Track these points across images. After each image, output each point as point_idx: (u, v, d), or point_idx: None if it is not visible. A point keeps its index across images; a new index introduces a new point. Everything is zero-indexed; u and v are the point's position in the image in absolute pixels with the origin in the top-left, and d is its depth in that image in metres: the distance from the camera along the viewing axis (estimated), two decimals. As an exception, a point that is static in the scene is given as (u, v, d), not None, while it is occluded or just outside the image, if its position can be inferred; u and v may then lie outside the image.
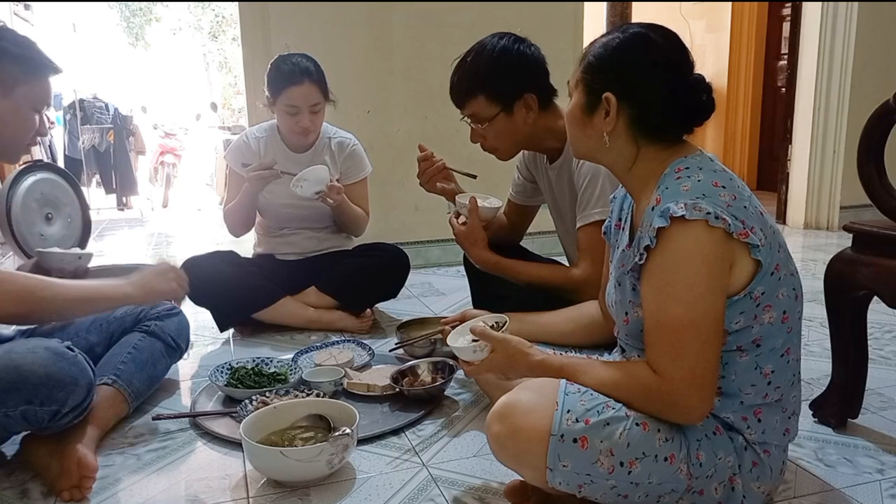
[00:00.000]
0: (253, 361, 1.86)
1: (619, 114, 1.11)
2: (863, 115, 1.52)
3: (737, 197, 1.03)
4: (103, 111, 6.95)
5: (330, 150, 2.38)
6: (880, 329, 2.29)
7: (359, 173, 2.42)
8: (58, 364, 1.30)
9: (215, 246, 2.87)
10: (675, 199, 1.02)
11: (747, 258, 1.03)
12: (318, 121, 2.27)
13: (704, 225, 0.99)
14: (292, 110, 2.20)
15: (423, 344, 1.99)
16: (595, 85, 1.12)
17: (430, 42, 3.22)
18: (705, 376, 1.02)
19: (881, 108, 1.45)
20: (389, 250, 2.42)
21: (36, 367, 1.28)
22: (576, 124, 1.18)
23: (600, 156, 1.18)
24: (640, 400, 1.04)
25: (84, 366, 1.36)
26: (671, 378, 1.01)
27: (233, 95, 14.36)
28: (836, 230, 4.07)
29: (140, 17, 15.98)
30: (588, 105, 1.14)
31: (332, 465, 1.34)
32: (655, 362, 1.03)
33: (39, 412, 1.30)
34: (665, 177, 1.09)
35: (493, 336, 1.20)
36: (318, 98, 2.22)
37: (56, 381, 1.29)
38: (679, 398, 1.01)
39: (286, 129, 2.28)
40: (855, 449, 1.48)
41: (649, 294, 1.06)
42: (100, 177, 6.92)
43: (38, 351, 1.31)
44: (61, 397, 1.30)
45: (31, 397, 1.28)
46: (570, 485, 1.04)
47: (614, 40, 1.13)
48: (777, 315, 1.07)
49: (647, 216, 1.07)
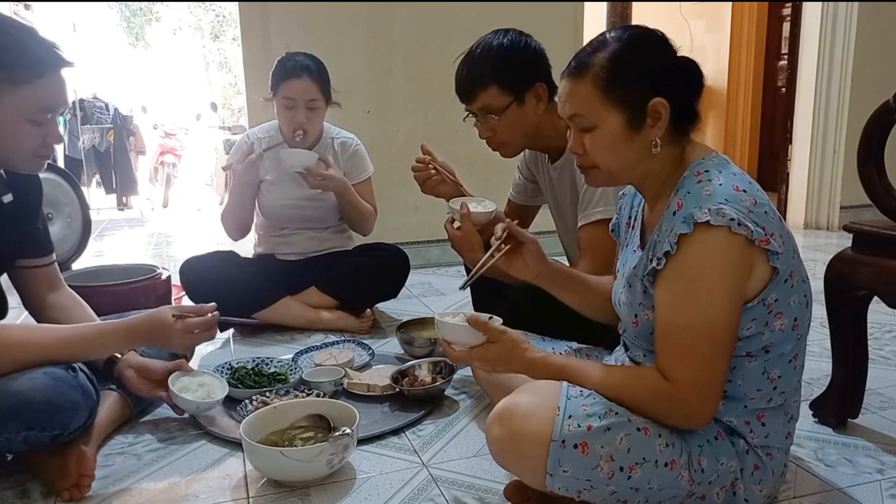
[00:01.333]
0: (253, 361, 1.86)
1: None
2: (863, 115, 1.52)
3: (757, 202, 1.02)
4: (103, 111, 6.95)
5: (333, 150, 2.38)
6: (880, 329, 2.29)
7: (361, 173, 2.42)
8: (57, 389, 1.27)
9: (215, 246, 2.87)
10: (698, 204, 1.00)
11: (765, 265, 1.02)
12: (315, 119, 2.27)
13: (727, 231, 0.98)
14: (289, 103, 2.21)
15: (422, 343, 1.99)
16: (633, 97, 1.06)
17: (430, 42, 3.22)
18: (716, 384, 1.02)
19: (881, 108, 1.45)
20: (389, 250, 2.43)
21: (35, 394, 1.25)
22: (619, 146, 1.09)
23: (643, 166, 1.11)
24: (646, 404, 1.04)
25: (87, 388, 1.33)
26: (683, 385, 1.00)
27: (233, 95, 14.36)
28: (836, 230, 4.07)
29: (140, 17, 15.98)
30: (632, 120, 1.07)
31: (332, 465, 1.34)
32: (666, 367, 1.02)
33: (41, 437, 1.27)
34: (685, 179, 1.07)
35: (491, 326, 1.17)
36: (316, 95, 2.22)
37: (57, 407, 1.26)
38: (688, 405, 1.01)
39: (283, 123, 2.29)
40: (855, 449, 1.48)
41: (665, 298, 1.05)
42: (100, 177, 6.93)
43: (36, 377, 1.26)
44: (63, 422, 1.28)
45: (32, 423, 1.25)
46: (569, 489, 1.03)
47: (621, 49, 1.08)
48: (788, 322, 1.07)
49: (668, 220, 1.05)
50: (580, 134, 1.12)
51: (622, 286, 1.20)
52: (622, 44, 1.09)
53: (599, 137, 1.09)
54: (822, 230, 4.13)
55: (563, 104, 1.13)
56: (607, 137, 1.09)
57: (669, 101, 1.06)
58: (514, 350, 1.17)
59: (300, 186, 2.31)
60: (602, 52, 1.08)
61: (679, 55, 1.10)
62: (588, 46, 1.12)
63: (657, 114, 1.06)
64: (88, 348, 1.38)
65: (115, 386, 1.56)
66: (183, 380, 1.56)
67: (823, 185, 4.14)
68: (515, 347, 1.17)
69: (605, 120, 1.08)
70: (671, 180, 1.11)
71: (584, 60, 1.10)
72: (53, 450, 1.35)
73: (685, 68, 1.09)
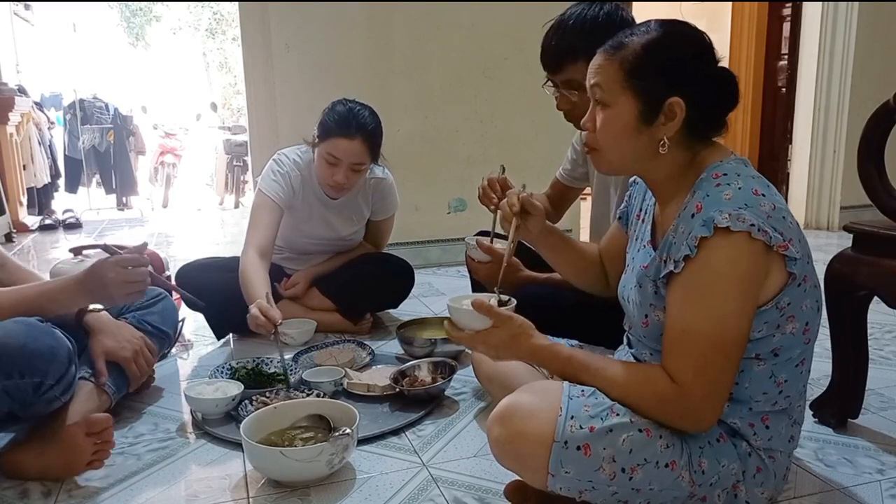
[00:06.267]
0: (253, 361, 1.86)
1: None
2: (863, 115, 1.52)
3: (776, 206, 1.01)
4: (103, 111, 6.94)
5: (364, 191, 2.32)
6: (880, 329, 2.29)
7: (388, 212, 2.41)
8: (32, 333, 1.29)
9: (215, 246, 2.87)
10: (717, 208, 0.99)
11: (781, 270, 1.01)
12: (355, 180, 2.14)
13: (747, 237, 0.97)
14: (332, 160, 2.07)
15: (422, 343, 1.99)
16: (652, 90, 1.05)
17: (430, 42, 3.22)
18: (723, 391, 1.02)
19: (881, 108, 1.45)
20: (394, 262, 2.39)
21: (9, 340, 1.26)
22: (625, 135, 1.08)
23: (646, 163, 1.11)
24: (652, 404, 1.03)
25: (59, 336, 1.33)
26: (691, 391, 1.00)
27: (233, 95, 14.34)
28: (836, 230, 4.07)
29: (140, 17, 15.96)
30: (645, 113, 1.06)
31: (332, 465, 1.34)
32: (675, 371, 1.02)
33: (21, 385, 1.28)
34: (702, 181, 1.07)
35: (496, 312, 1.15)
36: (364, 158, 2.08)
37: (32, 351, 1.28)
38: (694, 409, 1.01)
39: (320, 175, 2.16)
40: (855, 449, 1.48)
41: (678, 302, 1.04)
42: (100, 177, 6.91)
43: (7, 325, 1.29)
44: (42, 367, 1.29)
45: (10, 370, 1.26)
46: (570, 490, 1.03)
47: (655, 40, 1.06)
48: (799, 326, 1.06)
49: (686, 222, 1.03)
50: (595, 107, 1.12)
51: (632, 283, 1.18)
52: (661, 36, 1.07)
53: (610, 119, 1.09)
54: (822, 230, 4.14)
55: (590, 73, 1.13)
56: (617, 122, 1.08)
57: (688, 105, 1.05)
58: (519, 336, 1.15)
59: (330, 229, 2.29)
60: (639, 37, 1.07)
61: (718, 66, 1.09)
62: (630, 28, 1.11)
63: (672, 113, 1.05)
64: (44, 304, 1.39)
65: (87, 375, 1.53)
66: (198, 387, 1.64)
67: (823, 185, 4.14)
68: (522, 333, 1.15)
69: (620, 103, 1.08)
70: (685, 182, 1.10)
71: (621, 40, 1.09)
72: (41, 451, 1.34)
73: (719, 79, 1.08)
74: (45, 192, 5.60)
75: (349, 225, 2.35)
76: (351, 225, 2.35)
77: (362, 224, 2.41)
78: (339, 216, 2.31)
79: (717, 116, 1.10)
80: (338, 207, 2.28)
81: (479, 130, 3.35)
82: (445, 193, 3.33)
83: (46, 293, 1.40)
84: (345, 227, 2.34)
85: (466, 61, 3.26)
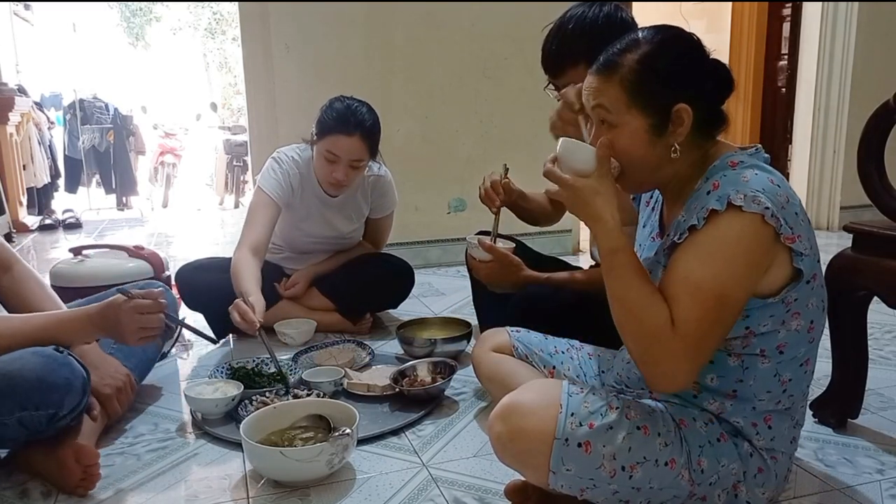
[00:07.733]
0: (253, 361, 1.86)
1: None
2: (863, 115, 1.52)
3: (789, 199, 1.01)
4: (103, 111, 6.93)
5: (363, 188, 2.32)
6: (880, 329, 2.29)
7: (387, 209, 2.41)
8: (48, 367, 1.28)
9: (214, 246, 2.87)
10: (735, 188, 0.99)
11: (786, 263, 1.01)
12: (354, 177, 2.15)
13: (760, 219, 0.97)
14: (331, 157, 2.08)
15: (422, 343, 1.99)
16: (659, 102, 1.05)
17: (430, 42, 3.21)
18: (707, 351, 1.00)
19: (881, 108, 1.45)
20: (395, 263, 2.38)
21: (25, 373, 1.25)
22: (642, 150, 1.08)
23: (662, 170, 1.10)
24: (645, 334, 0.99)
25: (75, 366, 1.33)
26: (685, 335, 0.97)
27: (233, 95, 14.34)
28: (836, 230, 4.07)
29: (140, 17, 15.96)
30: (656, 125, 1.06)
31: (332, 465, 1.34)
32: (677, 312, 0.98)
33: (35, 417, 1.27)
34: (716, 167, 1.07)
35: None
36: (363, 155, 2.10)
37: (49, 385, 1.26)
38: (677, 358, 0.98)
39: (319, 173, 2.17)
40: (855, 449, 1.48)
41: (683, 257, 1.01)
42: (100, 177, 6.91)
43: (25, 357, 1.28)
44: (56, 400, 1.28)
45: (25, 403, 1.25)
46: (572, 488, 1.04)
47: (651, 52, 1.06)
48: (804, 324, 1.06)
49: (700, 199, 1.03)
50: (601, 125, 1.11)
51: None
52: (653, 46, 1.06)
53: (623, 139, 1.07)
54: (823, 230, 4.13)
55: (587, 97, 1.12)
56: (632, 140, 1.07)
57: (694, 107, 1.05)
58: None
59: (329, 227, 2.29)
60: (632, 52, 1.07)
61: (710, 58, 1.09)
62: (618, 43, 1.09)
63: (680, 119, 1.05)
64: (55, 335, 1.37)
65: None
66: (198, 387, 1.64)
67: (823, 185, 4.13)
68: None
69: (627, 122, 1.07)
70: (693, 181, 1.10)
71: (612, 59, 1.08)
72: (49, 448, 1.34)
73: (714, 71, 1.08)
74: (45, 192, 5.60)
75: (349, 223, 2.35)
76: (350, 223, 2.35)
77: (362, 222, 2.41)
78: (338, 214, 2.31)
79: (719, 109, 1.10)
80: (337, 205, 2.29)
81: (479, 130, 3.34)
82: (445, 193, 3.33)
83: (59, 325, 1.39)
84: (344, 224, 2.34)
85: (466, 61, 3.26)
